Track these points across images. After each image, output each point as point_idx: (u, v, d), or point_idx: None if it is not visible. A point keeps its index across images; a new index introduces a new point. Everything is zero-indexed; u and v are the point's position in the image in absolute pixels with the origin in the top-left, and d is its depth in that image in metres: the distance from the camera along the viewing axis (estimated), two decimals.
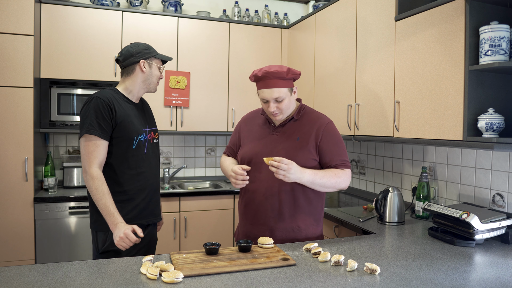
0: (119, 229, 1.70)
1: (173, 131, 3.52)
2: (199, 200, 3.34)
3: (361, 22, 2.70)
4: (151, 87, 1.99)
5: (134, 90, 1.96)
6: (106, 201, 1.74)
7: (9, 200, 2.85)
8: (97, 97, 1.82)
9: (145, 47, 1.96)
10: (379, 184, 3.09)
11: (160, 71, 2.00)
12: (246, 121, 2.07)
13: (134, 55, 1.93)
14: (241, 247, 1.60)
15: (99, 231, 1.84)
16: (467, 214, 1.80)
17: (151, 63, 1.96)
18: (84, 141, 1.78)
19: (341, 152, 1.86)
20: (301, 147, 1.82)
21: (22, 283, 1.29)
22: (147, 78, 1.96)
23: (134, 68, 1.94)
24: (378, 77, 2.53)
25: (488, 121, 1.81)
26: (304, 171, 1.73)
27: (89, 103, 1.82)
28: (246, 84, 3.71)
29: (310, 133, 1.85)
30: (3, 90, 2.82)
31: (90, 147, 1.77)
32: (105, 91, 1.88)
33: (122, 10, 3.32)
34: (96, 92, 1.87)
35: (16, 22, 2.82)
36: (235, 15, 3.89)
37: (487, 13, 1.89)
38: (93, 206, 1.84)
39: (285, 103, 1.81)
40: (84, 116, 1.81)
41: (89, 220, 1.91)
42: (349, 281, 1.35)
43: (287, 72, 1.78)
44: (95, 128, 1.77)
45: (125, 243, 1.70)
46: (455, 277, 1.41)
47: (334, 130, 1.89)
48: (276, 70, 1.77)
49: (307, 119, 1.90)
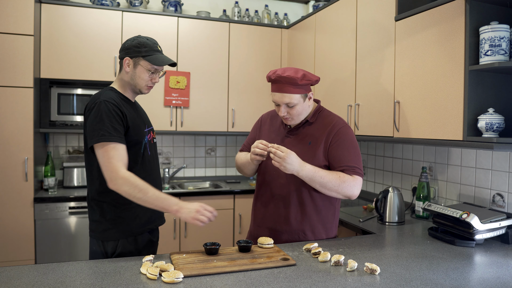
0: (187, 206, 1.60)
1: (173, 131, 3.51)
2: (199, 200, 3.33)
3: (361, 22, 2.70)
4: (137, 89, 1.79)
5: (126, 89, 1.81)
6: (153, 191, 1.61)
7: (9, 200, 2.85)
8: (104, 100, 1.66)
9: (139, 43, 1.75)
10: (379, 184, 3.09)
11: (148, 75, 1.76)
12: (268, 119, 1.99)
13: (124, 49, 1.77)
14: (241, 247, 1.60)
15: (110, 240, 1.72)
16: (467, 214, 1.80)
17: (137, 63, 1.74)
18: (101, 148, 1.61)
19: (352, 158, 1.74)
20: (312, 152, 1.77)
21: (22, 283, 1.29)
22: (131, 78, 1.76)
23: (122, 64, 1.78)
24: (378, 77, 2.53)
25: (488, 121, 1.81)
26: (304, 165, 1.67)
27: (96, 108, 1.65)
28: (246, 84, 3.71)
29: (322, 137, 1.78)
30: (3, 90, 2.82)
31: (110, 152, 1.61)
32: (107, 93, 1.73)
33: (122, 10, 3.32)
34: (100, 95, 1.70)
35: (16, 22, 2.82)
36: (235, 15, 3.89)
37: (487, 13, 1.89)
38: (100, 214, 1.72)
39: (296, 109, 1.75)
40: (95, 122, 1.63)
41: (92, 229, 1.76)
42: (349, 281, 1.35)
43: (301, 78, 1.70)
44: (111, 133, 1.62)
45: (204, 215, 1.59)
46: (455, 277, 1.41)
47: (347, 135, 1.78)
48: (289, 75, 1.69)
49: (322, 122, 1.82)
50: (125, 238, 1.74)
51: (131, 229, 1.76)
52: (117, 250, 1.73)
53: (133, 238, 1.76)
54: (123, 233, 1.74)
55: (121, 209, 1.73)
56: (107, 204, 1.73)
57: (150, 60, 1.74)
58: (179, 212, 1.61)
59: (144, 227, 1.79)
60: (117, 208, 1.73)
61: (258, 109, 3.73)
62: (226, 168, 4.10)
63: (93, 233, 1.76)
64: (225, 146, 4.09)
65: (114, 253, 1.73)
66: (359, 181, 1.74)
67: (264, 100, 3.76)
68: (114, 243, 1.73)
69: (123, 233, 1.74)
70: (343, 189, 1.71)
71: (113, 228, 1.73)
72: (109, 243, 1.73)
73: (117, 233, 1.72)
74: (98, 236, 1.75)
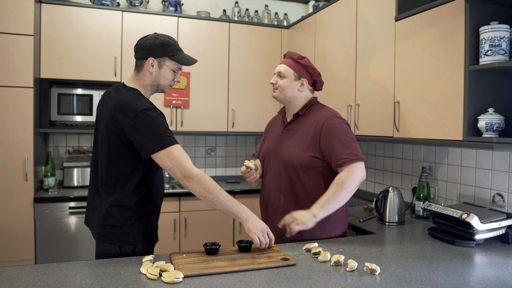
0: (256, 220, 1.64)
1: (173, 131, 3.51)
2: (199, 200, 3.33)
3: (361, 22, 2.70)
4: (160, 89, 1.76)
5: (147, 90, 1.75)
6: (225, 193, 1.62)
7: (9, 200, 2.85)
8: (150, 108, 1.60)
9: (162, 43, 1.69)
10: (379, 184, 3.09)
11: (173, 75, 1.74)
12: (272, 123, 2.13)
13: (146, 49, 1.69)
14: (241, 247, 1.60)
15: (128, 244, 1.68)
16: (467, 214, 1.80)
17: (162, 63, 1.70)
18: (167, 152, 1.56)
19: (342, 146, 1.75)
20: (303, 144, 1.83)
21: (22, 283, 1.29)
22: (155, 79, 1.72)
23: (143, 65, 1.71)
24: (378, 77, 2.52)
25: (488, 121, 1.81)
26: (311, 209, 1.72)
27: (143, 116, 1.57)
28: (246, 84, 3.71)
29: (311, 130, 1.84)
30: (3, 90, 2.82)
31: (177, 152, 1.57)
32: (141, 98, 1.65)
33: (122, 10, 3.32)
34: (135, 100, 1.61)
35: (16, 22, 2.82)
36: (235, 15, 3.89)
37: (487, 13, 1.89)
38: (120, 219, 1.66)
39: (283, 82, 1.89)
40: (150, 131, 1.57)
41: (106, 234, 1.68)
42: (349, 281, 1.35)
43: (301, 58, 1.89)
44: (170, 136, 1.59)
45: (265, 238, 1.62)
46: (455, 277, 1.41)
47: (334, 124, 1.80)
48: (292, 52, 1.93)
49: (313, 116, 1.88)
50: (144, 241, 1.73)
51: (149, 231, 1.76)
52: (136, 252, 1.70)
53: (149, 238, 1.77)
54: (143, 235, 1.73)
55: (142, 212, 1.71)
56: (130, 209, 1.68)
57: (178, 60, 1.73)
58: (247, 221, 1.64)
59: (156, 231, 1.83)
60: (138, 212, 1.70)
61: (258, 109, 3.73)
62: (226, 168, 4.10)
63: (107, 237, 1.69)
64: (225, 146, 4.09)
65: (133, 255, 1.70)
66: (358, 166, 1.74)
67: (264, 100, 3.76)
68: (133, 246, 1.70)
69: (143, 235, 1.73)
70: (349, 188, 1.72)
71: (133, 231, 1.69)
72: (127, 246, 1.69)
73: (136, 237, 1.70)
74: (114, 241, 1.68)
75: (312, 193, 1.82)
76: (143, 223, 1.72)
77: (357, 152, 1.76)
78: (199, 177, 1.58)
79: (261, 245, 1.62)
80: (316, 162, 1.81)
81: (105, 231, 1.69)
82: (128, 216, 1.68)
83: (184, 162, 1.58)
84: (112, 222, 1.68)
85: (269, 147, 1.98)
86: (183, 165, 1.57)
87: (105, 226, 1.68)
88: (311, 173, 1.82)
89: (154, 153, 1.57)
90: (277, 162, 1.89)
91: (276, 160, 1.90)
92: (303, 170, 1.82)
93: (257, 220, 1.65)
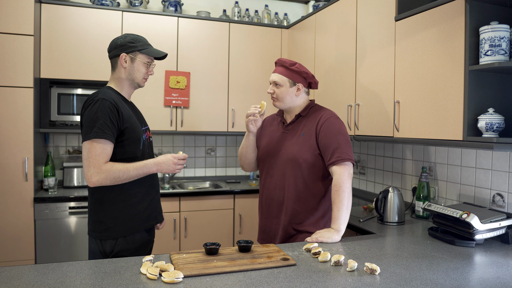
0: (163, 162, 1.77)
1: (173, 131, 3.51)
2: (199, 200, 3.34)
3: (361, 22, 2.70)
4: (135, 82, 1.86)
5: (124, 87, 1.86)
6: (131, 166, 1.71)
7: (9, 200, 2.85)
8: (102, 98, 1.70)
9: (132, 40, 1.82)
10: (379, 184, 3.09)
11: (146, 67, 1.85)
12: (270, 121, 2.16)
13: (118, 47, 1.81)
14: (241, 247, 1.60)
15: (109, 239, 1.75)
16: (467, 214, 1.80)
17: (134, 57, 1.81)
18: (90, 143, 1.66)
19: (337, 145, 1.83)
20: (305, 142, 1.91)
21: (22, 283, 1.29)
22: (129, 73, 1.83)
23: (117, 62, 1.83)
24: (378, 77, 2.53)
25: (488, 121, 1.81)
26: (331, 226, 1.79)
27: (94, 105, 1.69)
28: (246, 84, 3.71)
29: (313, 128, 1.92)
30: (3, 90, 2.82)
31: (98, 149, 1.65)
32: (106, 91, 1.76)
33: (122, 10, 3.32)
34: (98, 93, 1.74)
35: (16, 22, 2.82)
36: (235, 15, 3.89)
37: (487, 13, 1.89)
38: (102, 213, 1.76)
39: (281, 91, 1.95)
40: (90, 119, 1.68)
41: (92, 229, 1.79)
42: (349, 281, 1.35)
43: (292, 64, 1.93)
44: (104, 131, 1.66)
45: (179, 164, 1.79)
46: (455, 277, 1.41)
47: (333, 124, 1.89)
48: (283, 59, 1.97)
49: (313, 115, 1.97)
50: (124, 236, 1.76)
51: (131, 227, 1.78)
52: (115, 249, 1.75)
53: (131, 237, 1.77)
54: (123, 231, 1.76)
55: (121, 206, 1.77)
56: (109, 203, 1.76)
57: (148, 52, 1.84)
58: (160, 169, 1.77)
59: (144, 224, 1.83)
60: (117, 206, 1.76)
61: None
62: (226, 168, 4.10)
63: (93, 232, 1.79)
64: (225, 146, 4.09)
65: (112, 252, 1.75)
66: (347, 167, 1.82)
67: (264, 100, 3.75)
68: (113, 241, 1.76)
69: (123, 231, 1.76)
70: (347, 188, 1.80)
71: (113, 226, 1.75)
72: (107, 241, 1.76)
73: (117, 232, 1.75)
74: (97, 236, 1.77)
75: (315, 190, 1.92)
76: (125, 218, 1.77)
77: (350, 153, 1.86)
78: (105, 172, 1.66)
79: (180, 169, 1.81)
80: (319, 159, 1.90)
81: (92, 226, 1.80)
82: (108, 210, 1.76)
83: (99, 159, 1.66)
84: (96, 216, 1.78)
85: (270, 147, 2.02)
86: (96, 161, 1.66)
87: (92, 221, 1.80)
88: (315, 170, 1.90)
89: (83, 141, 1.70)
90: (281, 160, 1.95)
91: (280, 159, 1.95)
92: (307, 168, 1.90)
93: (163, 161, 1.78)
